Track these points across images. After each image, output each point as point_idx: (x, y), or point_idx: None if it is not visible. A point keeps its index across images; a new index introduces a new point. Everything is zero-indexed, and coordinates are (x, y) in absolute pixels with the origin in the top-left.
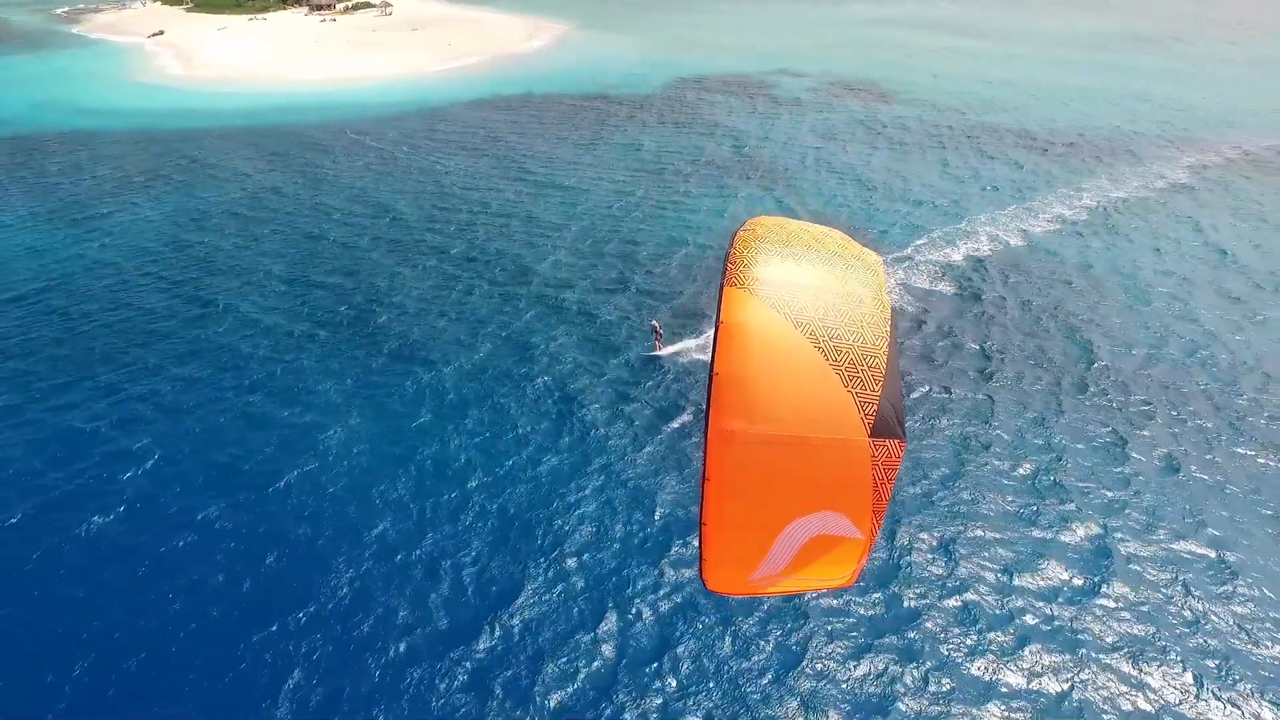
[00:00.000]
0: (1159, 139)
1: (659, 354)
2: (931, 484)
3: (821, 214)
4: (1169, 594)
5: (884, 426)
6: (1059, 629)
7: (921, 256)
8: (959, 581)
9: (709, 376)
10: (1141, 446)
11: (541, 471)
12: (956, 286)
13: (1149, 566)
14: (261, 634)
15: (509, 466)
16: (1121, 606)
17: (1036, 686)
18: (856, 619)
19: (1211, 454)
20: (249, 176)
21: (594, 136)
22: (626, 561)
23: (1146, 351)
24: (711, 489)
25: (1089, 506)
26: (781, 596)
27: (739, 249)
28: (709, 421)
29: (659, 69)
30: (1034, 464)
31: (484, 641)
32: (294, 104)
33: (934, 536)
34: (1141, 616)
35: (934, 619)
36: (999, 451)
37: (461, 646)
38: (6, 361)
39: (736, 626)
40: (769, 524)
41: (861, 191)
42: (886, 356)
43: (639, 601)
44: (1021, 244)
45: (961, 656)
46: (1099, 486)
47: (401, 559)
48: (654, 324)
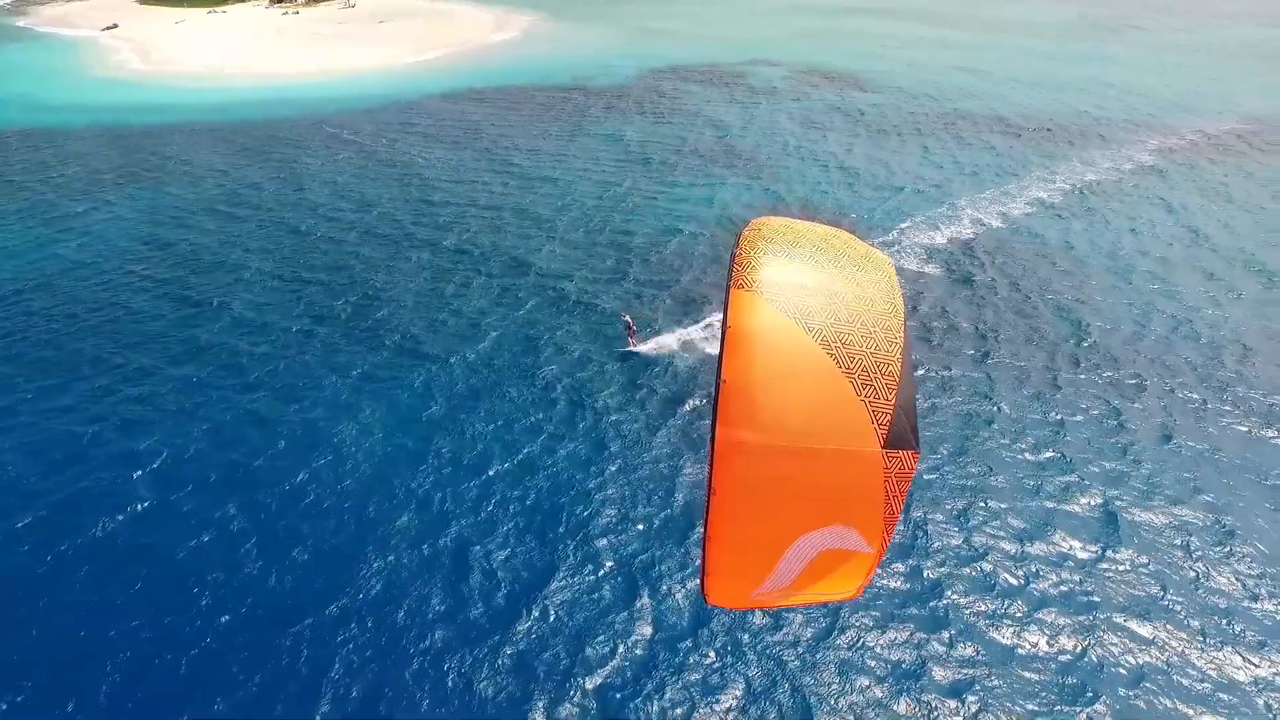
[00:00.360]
0: (1126, 123)
1: (634, 350)
2: (940, 459)
3: (808, 200)
4: (1172, 556)
5: (898, 437)
6: (1073, 592)
7: (908, 240)
8: (975, 551)
9: (715, 384)
10: (1136, 417)
11: (559, 458)
12: (944, 269)
13: (1151, 531)
14: (296, 629)
15: (525, 454)
16: (1129, 569)
17: (1056, 646)
18: (881, 589)
19: (1201, 423)
20: (225, 173)
21: (575, 128)
22: (651, 543)
23: (1133, 328)
24: (718, 502)
25: (1091, 476)
26: None
27: (745, 249)
28: (715, 431)
29: (631, 59)
30: (1035, 437)
31: (522, 624)
32: (264, 98)
33: (947, 510)
34: (1148, 578)
35: (955, 588)
36: (1001, 427)
37: (499, 631)
38: None
39: None
40: (777, 539)
41: (845, 177)
42: (900, 362)
43: (668, 580)
44: (1004, 226)
45: (985, 623)
46: (1099, 457)
47: (429, 548)
48: (625, 318)
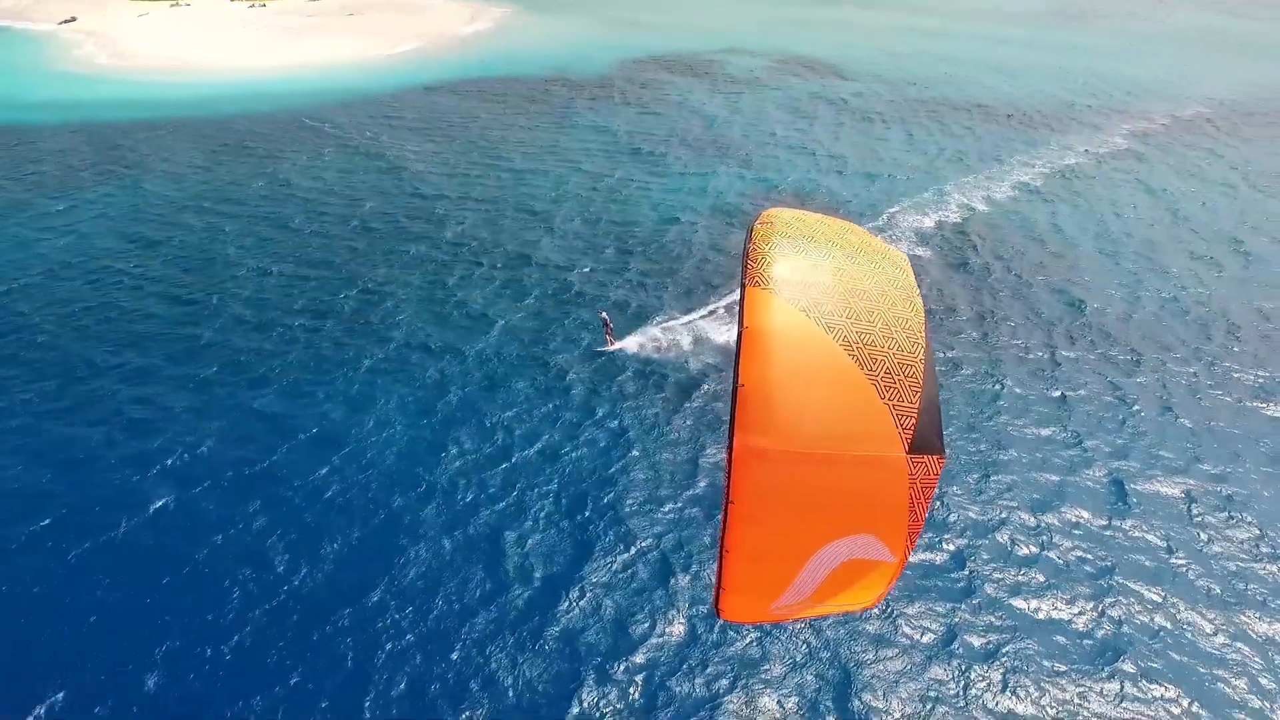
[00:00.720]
0: (1101, 108)
1: (611, 349)
2: (950, 435)
3: (800, 187)
4: (1178, 523)
5: (923, 441)
6: (1087, 560)
7: (900, 223)
8: (993, 524)
9: (733, 387)
10: (1134, 390)
11: (580, 444)
12: (937, 252)
13: (1158, 501)
14: (335, 621)
15: (546, 442)
16: (1139, 537)
17: (1076, 612)
18: (908, 562)
19: (1197, 395)
20: (207, 169)
21: (562, 119)
22: (680, 525)
23: (1124, 307)
24: (736, 513)
25: (1096, 450)
26: None
27: (758, 243)
28: (733, 438)
29: (608, 50)
30: (1040, 413)
31: (562, 605)
32: (238, 93)
33: (963, 485)
34: (1157, 545)
35: (976, 560)
36: (1006, 405)
37: (539, 614)
38: None
39: None
40: (798, 549)
41: (835, 164)
42: (924, 364)
43: (699, 558)
44: (991, 209)
45: (1006, 593)
46: (1101, 429)
47: (460, 535)
48: (603, 316)
